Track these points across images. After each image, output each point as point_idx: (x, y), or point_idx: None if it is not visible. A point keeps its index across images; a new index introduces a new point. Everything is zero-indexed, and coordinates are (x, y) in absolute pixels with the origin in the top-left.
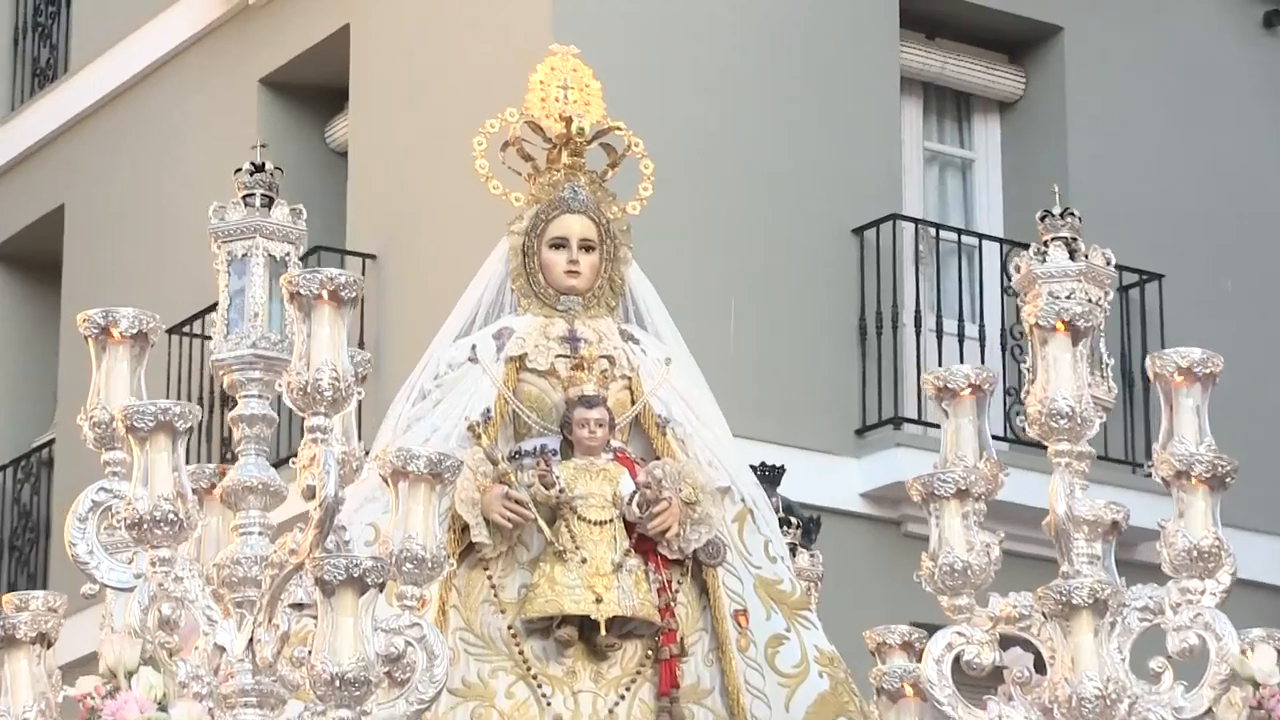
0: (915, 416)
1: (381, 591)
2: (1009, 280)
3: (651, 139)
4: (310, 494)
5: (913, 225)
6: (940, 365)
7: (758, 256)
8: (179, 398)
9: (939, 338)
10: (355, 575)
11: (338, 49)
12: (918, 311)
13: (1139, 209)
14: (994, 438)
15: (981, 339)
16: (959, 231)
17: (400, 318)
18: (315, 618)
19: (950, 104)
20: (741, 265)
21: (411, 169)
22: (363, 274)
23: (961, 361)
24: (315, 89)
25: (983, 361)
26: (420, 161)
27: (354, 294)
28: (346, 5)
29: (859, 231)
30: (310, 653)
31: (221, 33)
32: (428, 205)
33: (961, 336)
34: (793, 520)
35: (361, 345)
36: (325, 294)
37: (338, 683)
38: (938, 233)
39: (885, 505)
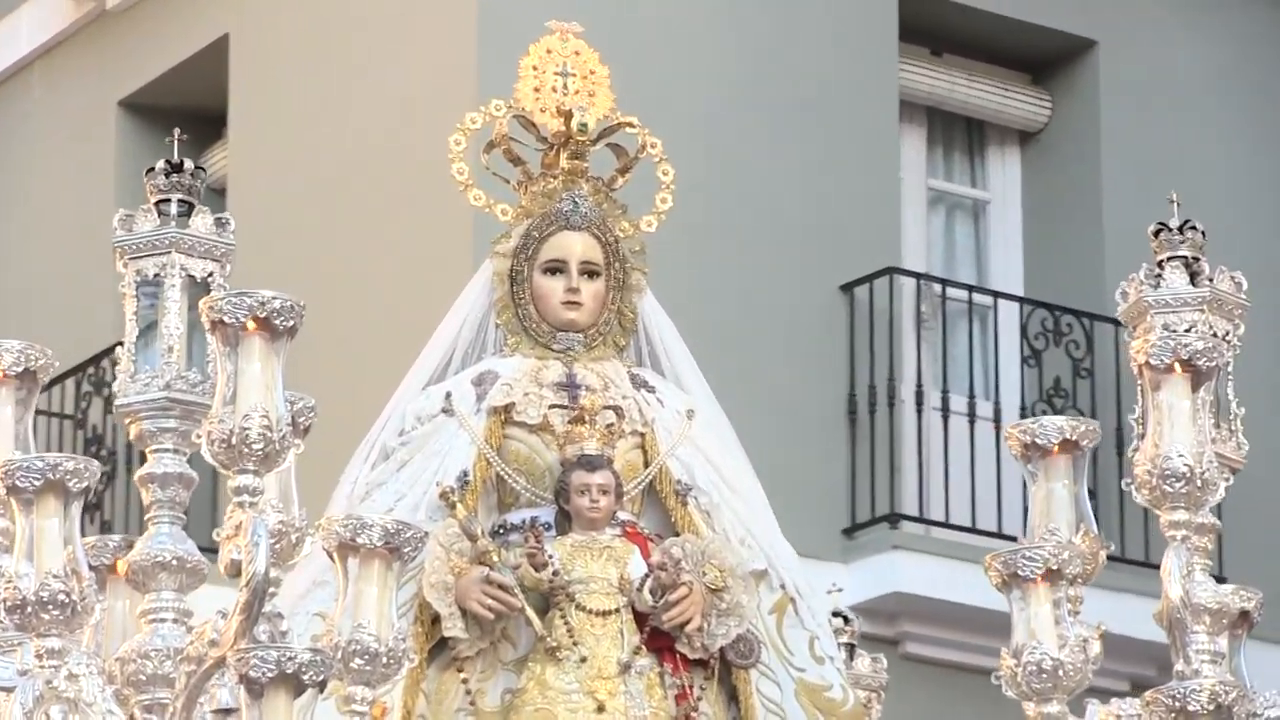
0: (915, 513)
1: (322, 692)
2: (1030, 348)
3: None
4: (235, 570)
5: (914, 281)
6: (946, 450)
7: (727, 320)
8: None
9: (944, 418)
10: (289, 672)
11: (214, 64)
12: (919, 386)
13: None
14: (1009, 538)
15: (996, 419)
16: (969, 289)
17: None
18: None
19: (960, 133)
20: (707, 330)
21: (305, 210)
22: None
23: (971, 448)
24: (187, 112)
25: (997, 448)
26: (316, 201)
27: (291, 322)
28: (225, 10)
29: (848, 288)
30: None
31: (73, 44)
32: (323, 251)
33: (972, 416)
34: (846, 616)
35: None
36: (255, 322)
37: None
38: (944, 290)
39: (880, 621)
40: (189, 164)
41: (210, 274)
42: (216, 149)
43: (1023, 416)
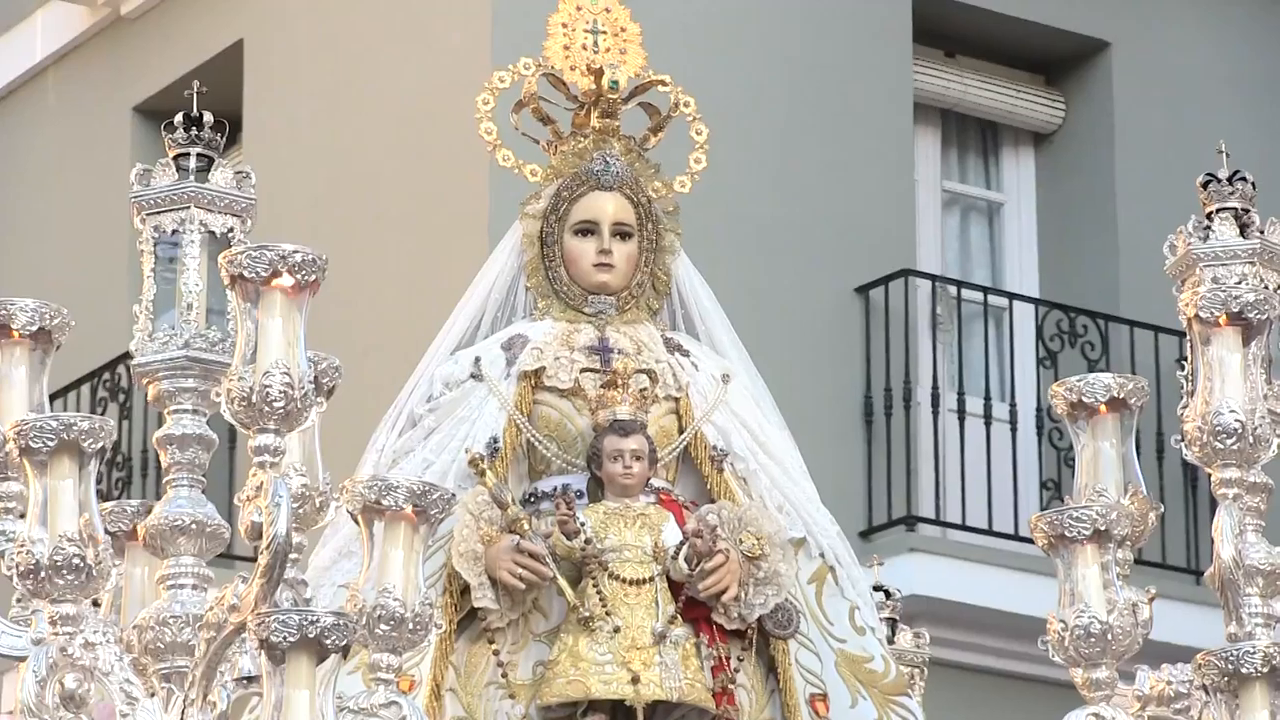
0: (932, 515)
1: (346, 658)
2: (1045, 349)
3: None
4: (256, 533)
5: (929, 283)
6: (962, 452)
7: (742, 321)
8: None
9: (960, 420)
10: (311, 636)
11: (229, 69)
12: (935, 388)
13: None
14: (1025, 540)
15: (1012, 421)
16: (985, 290)
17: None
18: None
19: (974, 135)
20: None
21: (318, 214)
22: None
23: (988, 450)
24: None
25: (1014, 450)
26: (329, 205)
27: (315, 276)
28: (240, 16)
29: (864, 290)
30: None
31: (87, 50)
32: (338, 258)
33: (988, 418)
34: (888, 591)
35: None
36: (278, 276)
37: None
38: (959, 292)
39: None
40: (209, 117)
41: (230, 229)
42: (231, 154)
43: (1039, 419)
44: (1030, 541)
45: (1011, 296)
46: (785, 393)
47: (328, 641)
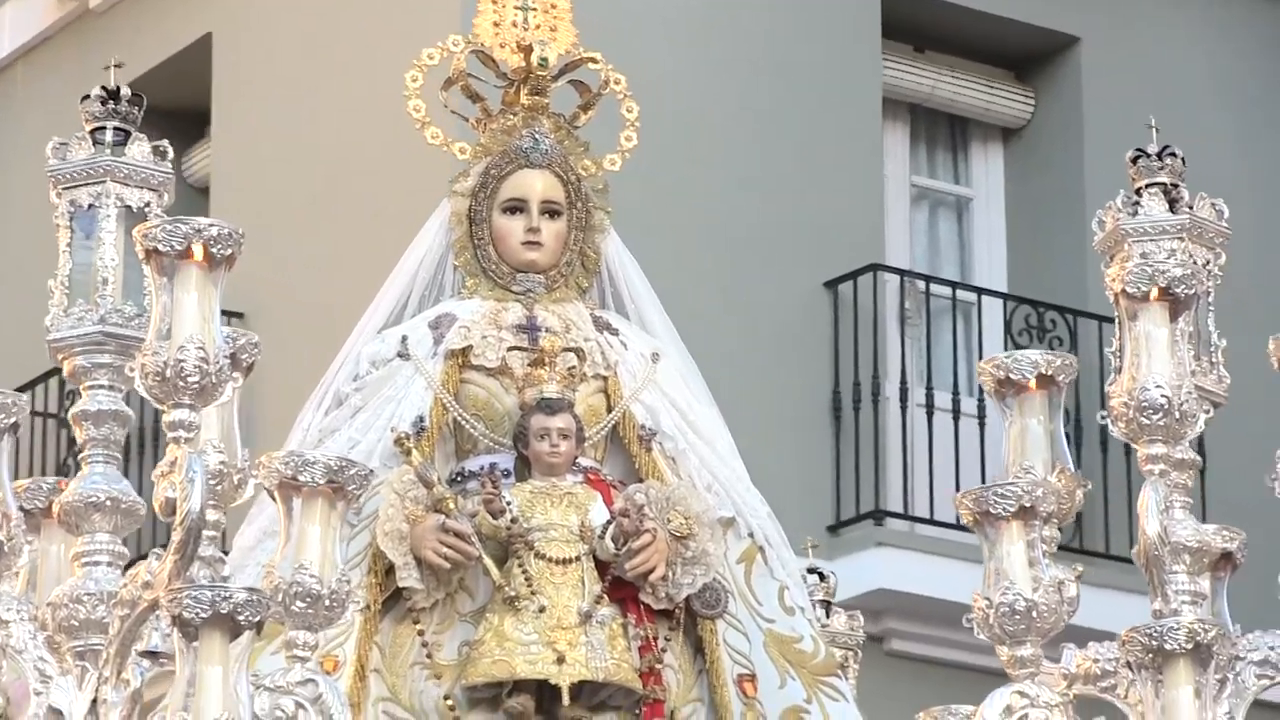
0: (900, 510)
1: (259, 634)
2: (1014, 344)
3: None
4: (169, 509)
5: (897, 278)
6: (931, 447)
7: (711, 316)
8: None
9: (929, 414)
10: (224, 612)
11: (197, 62)
12: (903, 382)
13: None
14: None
15: (981, 416)
16: (953, 285)
17: (273, 388)
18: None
19: (943, 130)
20: (691, 327)
21: (287, 208)
22: None
23: (956, 444)
24: (169, 111)
25: (982, 444)
26: (298, 199)
27: (230, 250)
28: (208, 9)
29: (832, 285)
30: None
31: (55, 43)
32: (307, 252)
33: (957, 413)
34: (822, 573)
35: None
36: (193, 250)
37: None
38: (928, 287)
39: (864, 617)
40: (126, 91)
41: (148, 204)
42: (199, 147)
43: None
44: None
45: (980, 291)
46: (754, 387)
47: (241, 618)
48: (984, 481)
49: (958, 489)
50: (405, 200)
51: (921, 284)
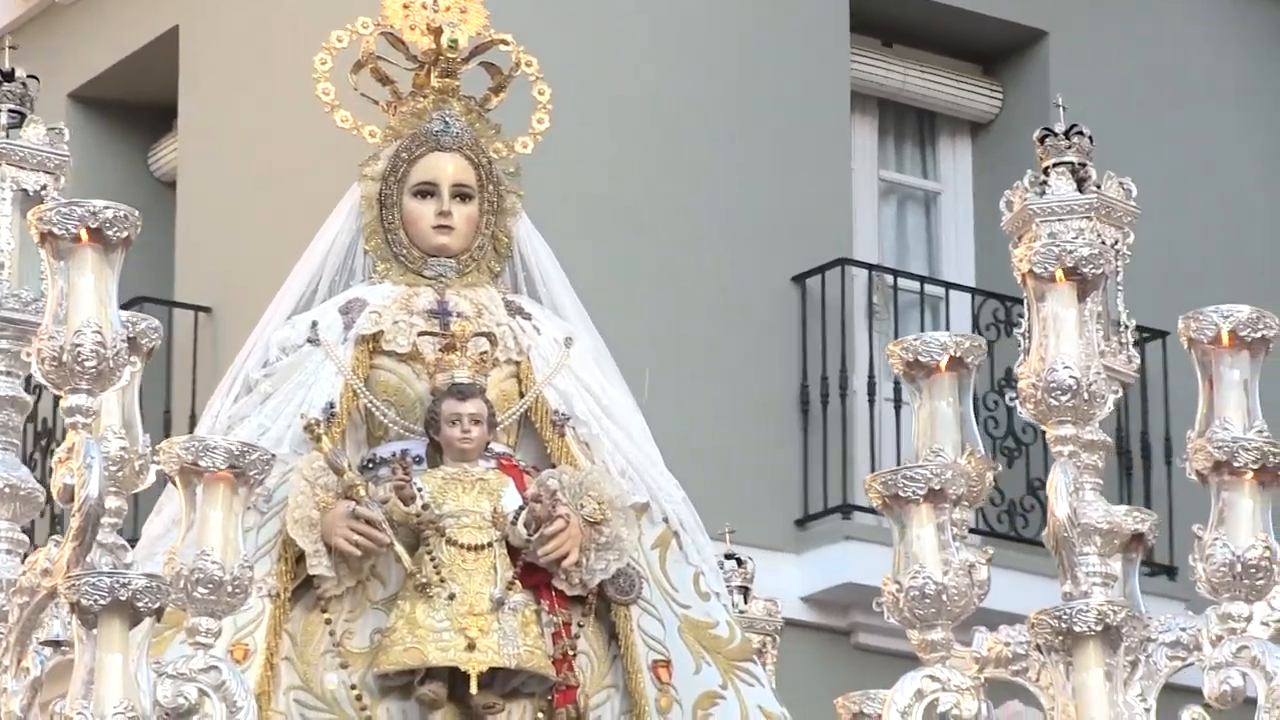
0: (868, 504)
1: (159, 620)
2: (981, 337)
3: (546, 166)
4: (68, 495)
5: (865, 272)
6: (899, 441)
7: (678, 311)
8: None
9: (897, 408)
10: (123, 599)
11: (164, 56)
12: (871, 377)
13: (1140, 252)
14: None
15: None
16: (921, 279)
17: None
18: None
19: (911, 125)
20: (658, 322)
21: (254, 202)
22: (194, 330)
23: None
24: (136, 105)
25: None
26: (265, 193)
27: (125, 233)
28: (174, 3)
29: (800, 279)
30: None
31: (21, 36)
32: (274, 246)
33: None
34: (740, 559)
35: (193, 417)
36: (87, 233)
37: None
38: (895, 281)
39: (832, 612)
40: (20, 72)
41: (44, 187)
42: (166, 141)
43: (975, 407)
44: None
45: (948, 286)
46: (722, 381)
47: (140, 604)
48: None
49: None
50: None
51: (889, 278)
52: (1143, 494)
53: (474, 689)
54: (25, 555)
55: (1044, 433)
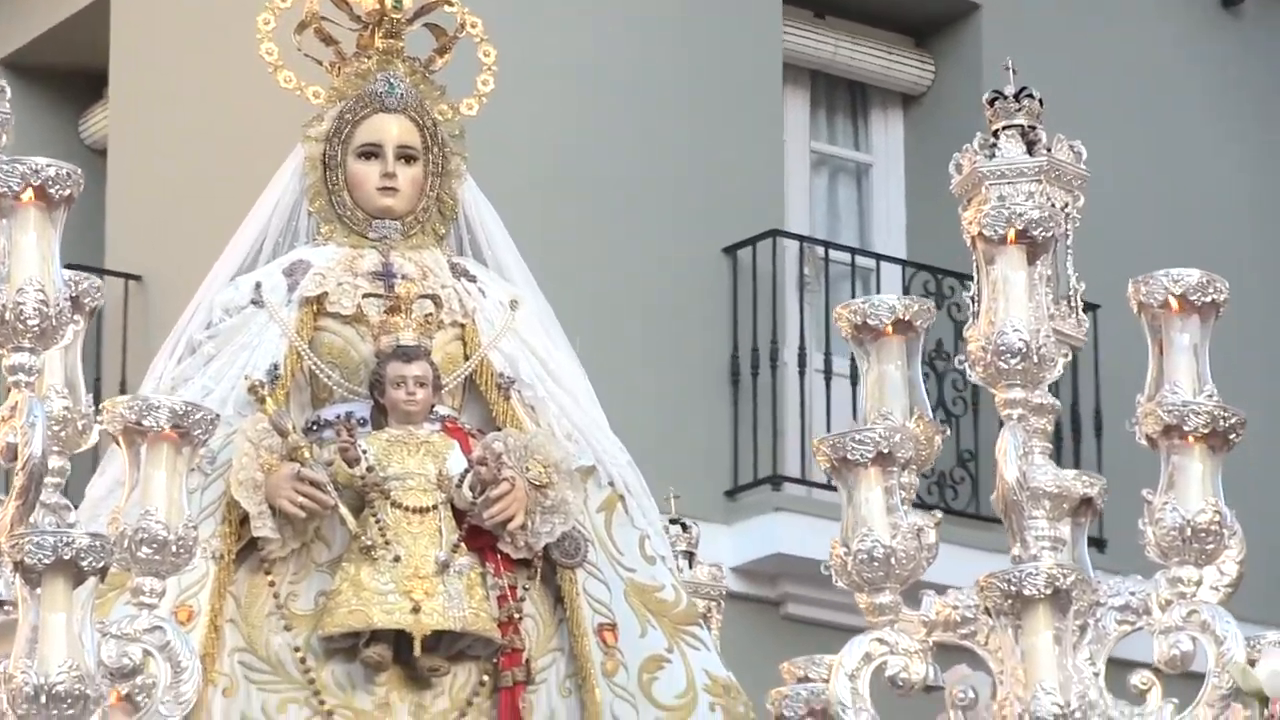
0: (798, 475)
1: (103, 580)
2: None
3: (476, 135)
4: (11, 454)
5: (796, 243)
6: (829, 413)
7: (608, 282)
8: None
9: (827, 380)
10: (67, 558)
11: (95, 24)
12: (802, 348)
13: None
14: None
15: None
16: (853, 251)
17: None
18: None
19: (843, 97)
20: (588, 292)
21: (185, 170)
22: (125, 298)
23: (854, 410)
24: (68, 72)
25: None
26: (195, 161)
27: (68, 191)
28: None
29: (731, 251)
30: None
31: None
32: (205, 215)
33: (855, 378)
34: (685, 523)
35: (124, 384)
36: (29, 191)
37: (43, 698)
38: (827, 253)
39: (762, 582)
40: None
41: None
42: (97, 109)
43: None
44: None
45: (879, 258)
46: (653, 352)
47: (84, 563)
48: None
49: None
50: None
51: (821, 250)
52: (1072, 467)
53: (418, 651)
54: None
55: (975, 405)
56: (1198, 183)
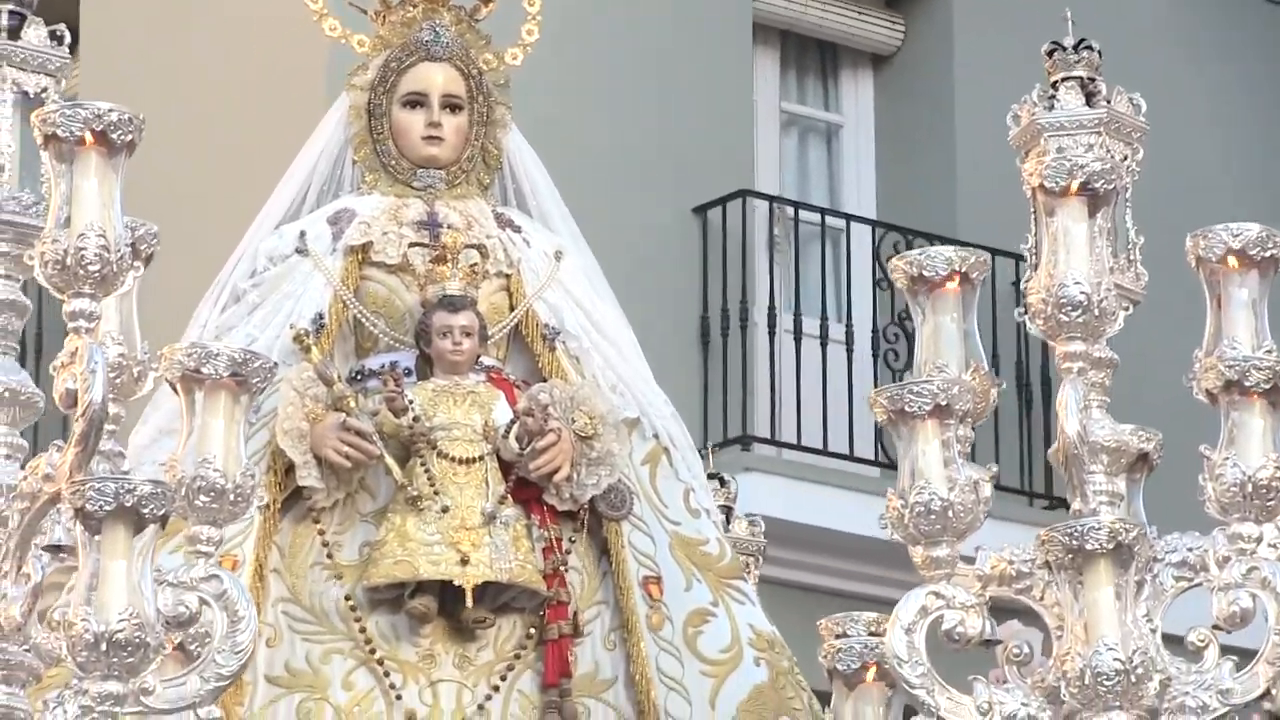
0: (768, 435)
1: (164, 527)
2: (882, 271)
3: None
4: (70, 400)
5: (766, 204)
6: (798, 373)
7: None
8: None
9: (797, 340)
10: (128, 505)
11: None
12: (772, 308)
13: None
14: (861, 460)
15: (849, 342)
16: (822, 212)
17: (144, 307)
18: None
19: (813, 57)
20: None
21: (158, 126)
22: None
23: (824, 371)
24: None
25: (849, 371)
26: (169, 117)
27: (131, 136)
28: None
29: (701, 211)
30: (69, 608)
31: None
32: (178, 171)
33: (825, 339)
34: (723, 478)
35: None
36: (92, 135)
37: (104, 645)
38: (797, 213)
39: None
40: None
41: (44, 89)
42: (69, 63)
43: (874, 340)
44: (865, 462)
45: (849, 218)
46: (622, 312)
47: (145, 510)
48: (850, 409)
49: (824, 415)
50: (279, 118)
51: (790, 210)
52: (1043, 421)
53: (469, 603)
54: (25, 461)
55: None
56: (1189, 137)
